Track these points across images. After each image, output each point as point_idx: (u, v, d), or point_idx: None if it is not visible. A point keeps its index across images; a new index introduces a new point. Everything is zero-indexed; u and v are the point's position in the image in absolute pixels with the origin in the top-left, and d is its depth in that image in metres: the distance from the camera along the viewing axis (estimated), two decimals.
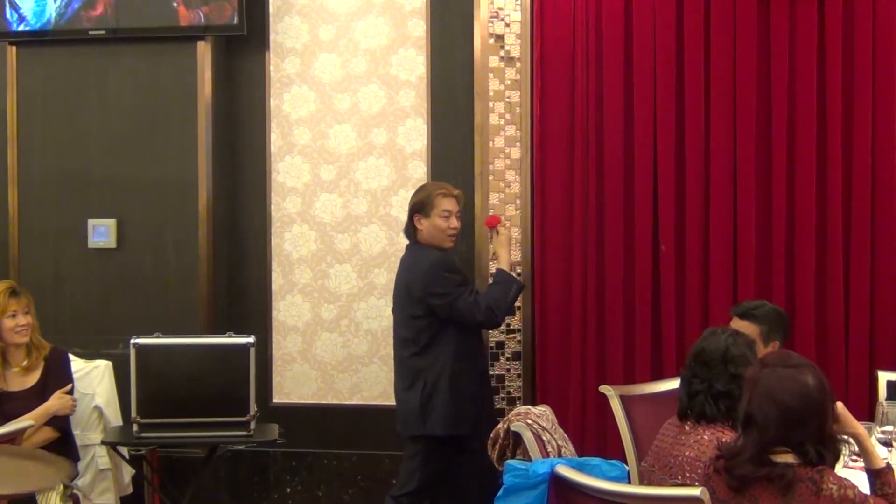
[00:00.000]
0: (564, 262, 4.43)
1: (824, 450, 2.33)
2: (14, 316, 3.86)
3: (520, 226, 4.49)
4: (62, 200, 4.70)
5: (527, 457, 3.14)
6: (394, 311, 4.02)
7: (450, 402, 3.82)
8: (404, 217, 4.10)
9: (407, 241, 4.03)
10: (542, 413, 3.33)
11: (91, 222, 4.67)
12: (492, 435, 3.37)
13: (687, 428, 2.79)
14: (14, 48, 4.70)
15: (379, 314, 4.69)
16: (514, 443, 3.28)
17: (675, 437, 2.81)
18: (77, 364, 4.16)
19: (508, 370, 4.53)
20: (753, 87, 4.23)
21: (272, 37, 4.75)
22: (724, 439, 2.63)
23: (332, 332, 4.78)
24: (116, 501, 4.24)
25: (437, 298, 3.80)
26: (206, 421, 4.00)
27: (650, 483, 2.84)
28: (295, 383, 4.80)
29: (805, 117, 4.20)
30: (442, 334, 3.85)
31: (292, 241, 4.78)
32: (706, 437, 2.72)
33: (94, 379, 4.23)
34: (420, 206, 3.91)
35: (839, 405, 2.46)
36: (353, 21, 4.71)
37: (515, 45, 4.47)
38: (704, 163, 4.28)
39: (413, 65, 4.67)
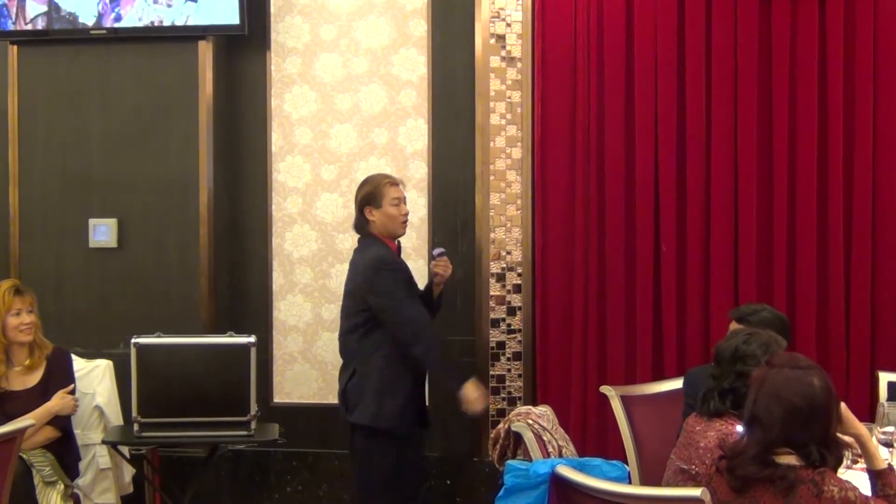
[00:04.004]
0: (565, 262, 4.43)
1: (827, 452, 2.34)
2: (18, 314, 3.86)
3: (520, 226, 4.49)
4: (63, 200, 4.71)
5: (527, 457, 3.15)
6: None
7: (375, 396, 3.74)
8: None
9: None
10: (543, 413, 3.34)
11: (92, 222, 4.68)
12: (492, 435, 3.37)
13: (704, 422, 2.83)
14: (15, 48, 4.70)
15: None
16: (515, 443, 3.29)
17: (693, 431, 2.85)
18: (78, 363, 4.16)
19: (509, 370, 4.53)
20: (754, 87, 4.23)
21: (273, 36, 4.75)
22: (731, 430, 2.64)
23: (332, 332, 4.74)
24: (117, 501, 4.24)
25: (376, 297, 3.72)
26: (207, 420, 4.00)
27: (665, 469, 2.88)
28: (296, 383, 4.80)
29: (806, 117, 4.20)
30: (378, 330, 3.76)
31: (293, 240, 4.79)
32: (716, 428, 2.76)
33: (94, 378, 4.23)
34: (370, 198, 3.79)
35: (842, 406, 2.47)
36: (355, 21, 4.70)
37: (517, 45, 4.47)
38: (705, 163, 4.29)
39: (414, 65, 4.67)
